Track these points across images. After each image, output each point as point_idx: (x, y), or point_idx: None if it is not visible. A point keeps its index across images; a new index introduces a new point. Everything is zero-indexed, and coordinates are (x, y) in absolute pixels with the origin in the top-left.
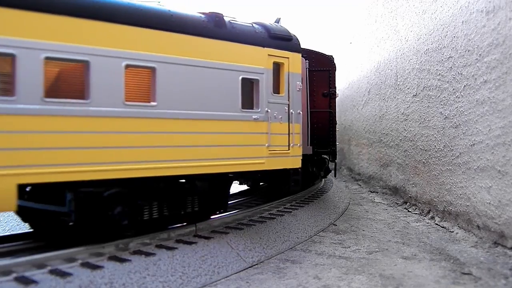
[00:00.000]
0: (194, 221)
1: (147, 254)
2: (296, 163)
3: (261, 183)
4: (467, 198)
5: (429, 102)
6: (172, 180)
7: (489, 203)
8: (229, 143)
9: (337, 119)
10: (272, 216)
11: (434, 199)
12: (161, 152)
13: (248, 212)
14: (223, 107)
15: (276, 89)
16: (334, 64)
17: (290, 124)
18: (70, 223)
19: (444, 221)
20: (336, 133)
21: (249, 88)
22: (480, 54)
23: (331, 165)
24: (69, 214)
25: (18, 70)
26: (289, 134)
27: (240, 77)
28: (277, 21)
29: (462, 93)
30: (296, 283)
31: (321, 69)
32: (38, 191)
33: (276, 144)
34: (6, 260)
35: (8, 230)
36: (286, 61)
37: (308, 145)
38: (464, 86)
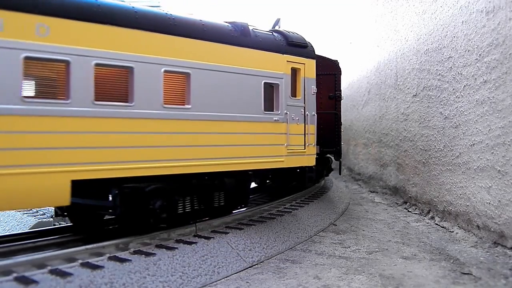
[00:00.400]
0: (219, 215)
1: (147, 254)
2: (311, 161)
3: (267, 181)
4: (467, 198)
5: (429, 102)
6: (203, 176)
7: (489, 203)
8: (253, 142)
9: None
10: (272, 216)
11: (434, 199)
12: (195, 151)
13: (248, 212)
14: (248, 109)
15: (294, 93)
16: (340, 68)
17: (306, 125)
18: (112, 217)
19: (444, 221)
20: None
21: (270, 91)
22: (480, 54)
23: (334, 165)
24: (114, 208)
25: (72, 75)
26: (305, 134)
27: (263, 82)
28: (277, 21)
29: (462, 93)
30: (296, 283)
31: (327, 73)
32: (83, 187)
33: (294, 143)
34: (6, 260)
35: (8, 230)
36: (302, 67)
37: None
38: (464, 86)
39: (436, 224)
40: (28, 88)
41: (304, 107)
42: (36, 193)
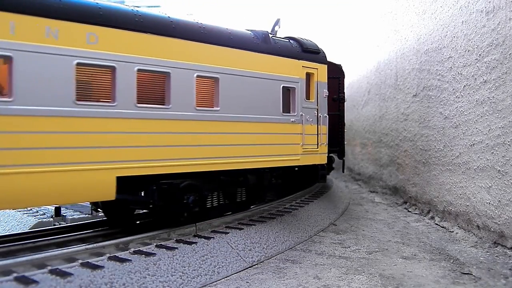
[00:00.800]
0: (239, 211)
1: (147, 254)
2: (323, 159)
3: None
4: (467, 198)
5: (429, 102)
6: (229, 174)
7: (489, 203)
8: (273, 142)
9: None
10: (272, 216)
11: (434, 199)
12: (223, 149)
13: (248, 212)
14: (268, 111)
15: (308, 96)
16: (343, 72)
17: (319, 126)
18: (144, 211)
19: (444, 221)
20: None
21: (287, 95)
22: (480, 54)
23: (335, 164)
24: (152, 202)
25: (117, 80)
26: (317, 134)
27: (281, 86)
28: (277, 21)
29: (462, 93)
30: (296, 283)
31: (332, 76)
32: (125, 184)
33: (308, 143)
34: (6, 260)
35: (8, 230)
36: (315, 72)
37: None
38: (464, 86)
39: (436, 224)
40: (80, 92)
41: (317, 109)
42: (86, 188)
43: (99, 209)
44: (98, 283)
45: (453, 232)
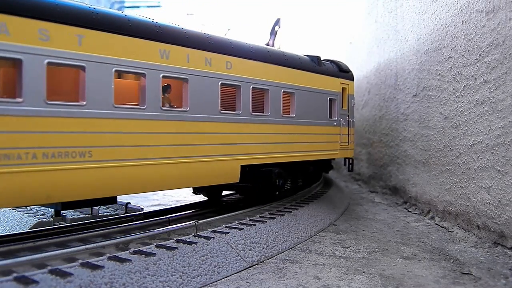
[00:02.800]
0: (301, 190)
1: (147, 254)
2: (351, 153)
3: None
4: (467, 198)
5: (429, 102)
6: (298, 164)
7: (489, 203)
8: (324, 140)
9: None
10: (272, 216)
11: (434, 199)
12: (297, 146)
13: (248, 211)
14: (320, 116)
15: (342, 105)
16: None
17: (349, 128)
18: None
19: (444, 221)
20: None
21: (330, 104)
22: (480, 54)
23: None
24: (254, 184)
25: (239, 94)
26: (348, 134)
27: (328, 98)
28: (277, 21)
29: (462, 93)
30: (296, 283)
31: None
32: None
33: (343, 141)
34: (6, 260)
35: (8, 230)
36: (347, 86)
37: None
38: (464, 86)
39: (436, 224)
40: (223, 103)
41: (348, 115)
42: (222, 173)
43: (197, 192)
44: (98, 283)
45: (453, 232)
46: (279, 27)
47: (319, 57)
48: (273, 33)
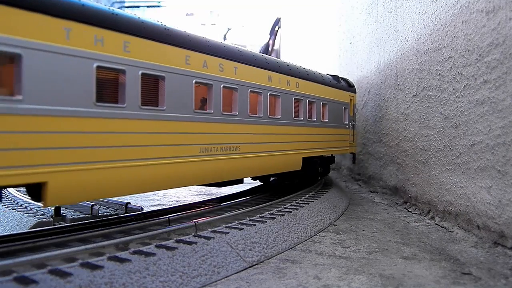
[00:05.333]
0: (322, 176)
1: (147, 254)
2: (355, 150)
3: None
4: (467, 198)
5: (429, 102)
6: (321, 157)
7: (489, 203)
8: (340, 139)
9: None
10: (272, 216)
11: (434, 199)
12: (326, 143)
13: (249, 211)
14: (339, 121)
15: (350, 112)
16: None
17: (354, 130)
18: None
19: (444, 221)
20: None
21: (344, 112)
22: (480, 54)
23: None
24: (305, 171)
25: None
26: (353, 135)
27: (343, 107)
28: (277, 21)
29: (462, 93)
30: (296, 283)
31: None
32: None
33: (350, 140)
34: (6, 260)
35: (8, 230)
36: (353, 98)
37: None
38: (464, 86)
39: (436, 224)
40: (295, 113)
41: (353, 120)
42: (292, 163)
43: (257, 180)
44: (98, 283)
45: (453, 232)
46: (279, 27)
47: (338, 76)
48: (273, 33)
